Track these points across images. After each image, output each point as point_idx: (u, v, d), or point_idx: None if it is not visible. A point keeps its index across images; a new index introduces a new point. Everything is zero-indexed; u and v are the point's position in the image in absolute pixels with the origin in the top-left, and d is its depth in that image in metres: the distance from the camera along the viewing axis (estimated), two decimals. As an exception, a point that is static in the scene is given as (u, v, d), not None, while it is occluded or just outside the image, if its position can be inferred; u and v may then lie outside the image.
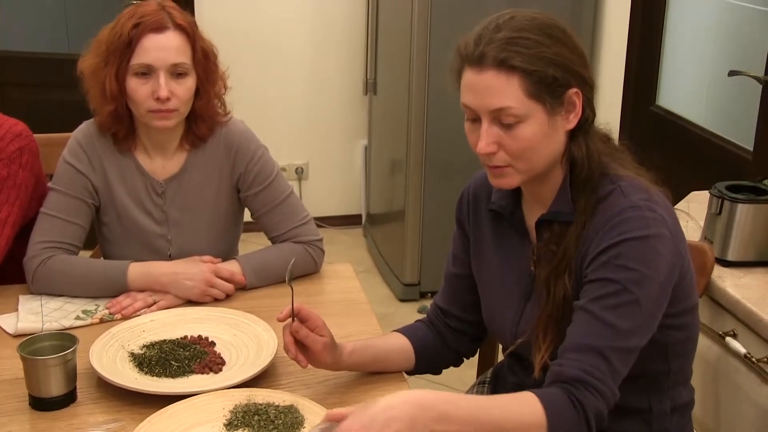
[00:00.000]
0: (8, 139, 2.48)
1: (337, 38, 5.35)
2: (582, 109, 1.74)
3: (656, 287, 1.68)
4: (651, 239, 1.67)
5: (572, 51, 1.73)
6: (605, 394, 1.63)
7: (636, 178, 1.77)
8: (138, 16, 2.34)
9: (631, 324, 1.66)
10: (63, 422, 1.91)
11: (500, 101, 1.69)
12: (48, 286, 2.43)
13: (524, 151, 1.72)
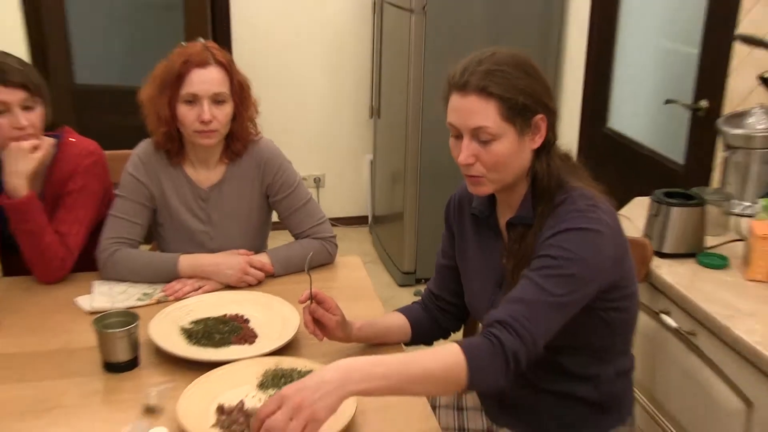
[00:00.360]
0: (84, 156, 2.52)
1: (348, 72, 5.35)
2: (546, 132, 1.77)
3: (588, 270, 1.67)
4: (589, 232, 1.67)
5: (540, 84, 1.76)
6: (524, 337, 1.59)
7: (585, 188, 1.77)
8: (186, 54, 2.37)
9: (561, 291, 1.64)
10: (129, 382, 1.95)
11: (479, 121, 1.71)
12: (115, 273, 2.45)
13: (497, 165, 1.74)
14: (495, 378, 1.59)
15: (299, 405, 1.38)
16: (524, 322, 1.60)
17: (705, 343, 2.11)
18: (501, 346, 1.57)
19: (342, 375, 1.45)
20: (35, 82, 2.41)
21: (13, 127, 2.36)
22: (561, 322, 1.66)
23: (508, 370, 1.58)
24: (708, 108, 3.09)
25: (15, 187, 2.37)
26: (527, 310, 1.61)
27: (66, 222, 2.47)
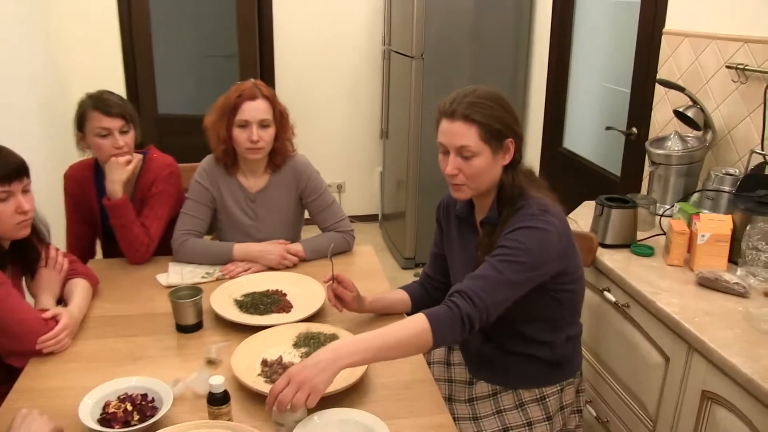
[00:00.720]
0: (164, 167, 2.53)
1: (364, 103, 5.34)
2: (513, 152, 1.77)
3: (534, 258, 1.67)
4: (538, 230, 1.68)
5: (511, 115, 1.76)
6: (478, 304, 1.61)
7: (541, 198, 1.76)
8: (240, 90, 2.37)
9: (512, 273, 1.65)
10: (194, 340, 1.95)
11: (463, 141, 1.72)
12: (185, 257, 2.45)
13: (475, 176, 1.75)
14: (453, 338, 1.63)
15: (302, 380, 1.44)
16: (480, 293, 1.62)
17: (636, 313, 2.11)
18: (459, 311, 1.60)
19: (333, 354, 1.50)
20: (130, 113, 2.42)
21: (114, 147, 2.38)
22: (511, 297, 1.67)
23: (463, 330, 1.61)
24: (637, 134, 3.09)
25: (113, 192, 2.38)
26: (484, 284, 1.63)
27: (149, 217, 2.47)
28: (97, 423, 1.52)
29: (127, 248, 2.44)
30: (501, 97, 1.77)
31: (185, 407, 1.63)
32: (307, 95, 5.21)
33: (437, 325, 1.59)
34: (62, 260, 2.14)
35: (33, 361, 1.84)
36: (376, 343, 1.55)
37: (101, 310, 2.14)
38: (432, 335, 1.58)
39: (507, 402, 1.91)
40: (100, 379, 1.67)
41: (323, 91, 5.28)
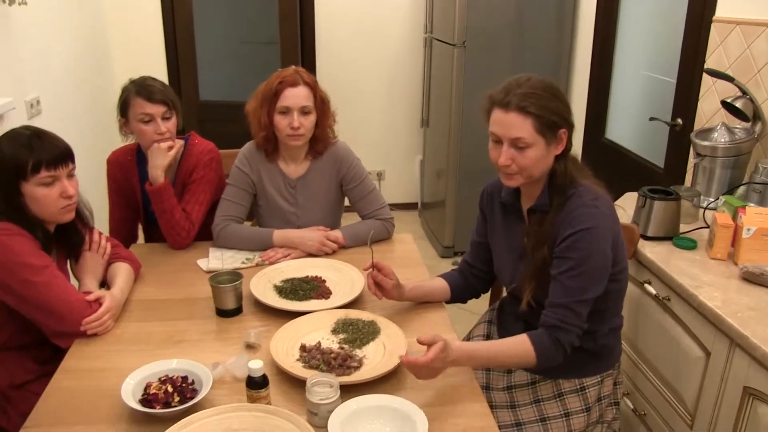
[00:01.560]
0: (205, 153, 2.55)
1: (404, 91, 5.33)
2: (566, 142, 1.77)
3: (598, 260, 1.72)
4: (594, 229, 1.70)
5: (564, 105, 1.76)
6: (573, 330, 1.72)
7: (590, 186, 1.77)
8: (281, 76, 2.38)
9: (586, 286, 1.71)
10: (234, 325, 1.98)
11: (518, 133, 1.71)
12: (225, 242, 2.47)
13: (528, 167, 1.75)
14: (557, 361, 1.76)
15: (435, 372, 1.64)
16: (571, 321, 1.73)
17: (677, 307, 2.08)
18: (561, 344, 1.73)
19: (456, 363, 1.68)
20: (172, 99, 2.45)
21: (156, 133, 2.41)
22: (592, 304, 1.75)
23: (565, 354, 1.75)
24: (682, 125, 3.04)
25: (155, 177, 2.41)
26: (570, 312, 1.72)
27: (190, 203, 2.50)
28: (138, 403, 1.56)
29: (169, 233, 2.47)
30: (554, 86, 1.76)
31: (224, 390, 1.66)
32: (348, 82, 5.22)
33: (542, 357, 1.73)
34: (105, 244, 2.18)
35: (77, 342, 1.88)
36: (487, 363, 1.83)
37: (143, 294, 2.18)
38: (536, 364, 1.74)
39: (545, 391, 1.91)
40: (141, 361, 1.70)
41: (364, 78, 5.28)
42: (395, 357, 1.72)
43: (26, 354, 1.98)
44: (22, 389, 1.94)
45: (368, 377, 1.65)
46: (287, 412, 1.49)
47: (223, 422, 1.49)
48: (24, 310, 1.86)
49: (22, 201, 1.87)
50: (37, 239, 1.90)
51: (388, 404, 1.54)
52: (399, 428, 1.49)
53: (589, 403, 1.89)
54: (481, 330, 2.16)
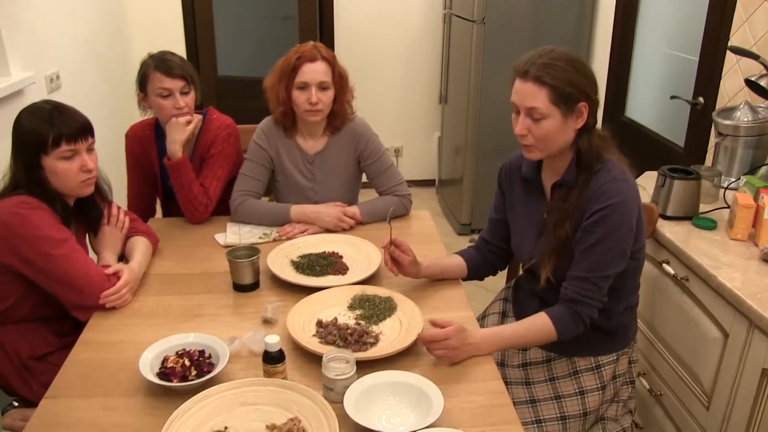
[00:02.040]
0: (223, 128, 2.55)
1: (423, 68, 5.30)
2: (587, 116, 1.75)
3: (625, 235, 1.72)
4: (621, 205, 1.70)
5: (586, 78, 1.73)
6: (593, 304, 1.75)
7: (617, 161, 1.77)
8: (300, 51, 2.37)
9: (610, 261, 1.72)
10: (251, 299, 1.98)
11: (533, 102, 1.71)
12: (243, 217, 2.48)
13: (543, 138, 1.74)
14: (576, 334, 1.79)
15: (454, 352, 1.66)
16: (591, 295, 1.75)
17: (695, 287, 2.07)
18: (581, 318, 1.76)
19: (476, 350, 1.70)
20: (191, 74, 2.45)
21: (174, 107, 2.41)
22: (613, 279, 1.77)
23: (585, 327, 1.78)
24: (704, 103, 3.00)
25: (173, 151, 2.41)
26: (591, 286, 1.74)
27: (208, 178, 2.50)
28: (156, 376, 1.57)
29: (187, 208, 2.48)
30: (577, 59, 1.74)
31: (241, 365, 1.66)
32: (366, 58, 5.19)
33: (562, 332, 1.77)
34: (124, 218, 2.19)
35: (96, 315, 1.90)
36: (511, 344, 1.82)
37: (161, 268, 2.19)
38: (557, 338, 1.77)
39: (560, 369, 1.91)
40: (159, 335, 1.72)
41: (382, 54, 5.25)
42: (412, 333, 1.72)
43: (46, 326, 2.01)
44: (43, 360, 1.97)
45: (384, 353, 1.65)
46: (303, 387, 1.50)
47: (240, 396, 1.50)
48: (44, 283, 1.88)
49: (42, 175, 1.89)
50: (57, 213, 1.91)
51: (403, 380, 1.54)
52: (414, 404, 1.49)
53: (604, 381, 1.89)
54: (496, 307, 2.16)
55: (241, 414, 1.46)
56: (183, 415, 1.43)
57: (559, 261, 1.80)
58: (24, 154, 1.87)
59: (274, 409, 1.47)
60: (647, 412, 2.37)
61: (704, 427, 2.04)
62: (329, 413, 1.41)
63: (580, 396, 1.87)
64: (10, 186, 1.91)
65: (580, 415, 1.86)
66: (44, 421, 1.49)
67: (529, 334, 1.77)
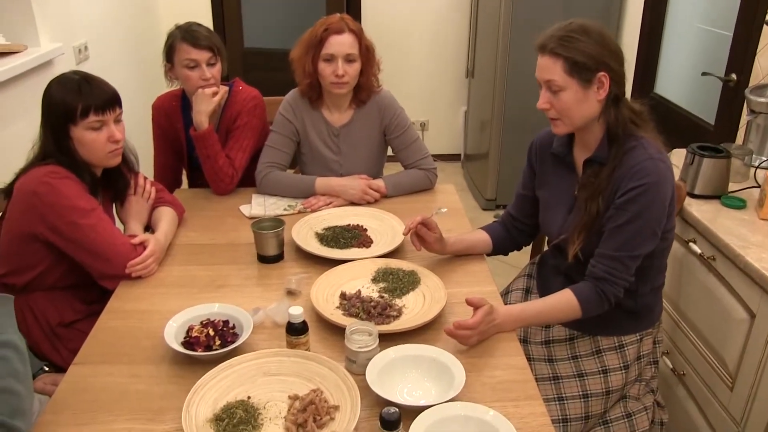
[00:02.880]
0: (249, 100, 2.55)
1: (450, 41, 5.25)
2: (609, 87, 1.71)
3: (656, 215, 1.70)
4: (657, 185, 1.67)
5: (604, 47, 1.69)
6: (620, 283, 1.74)
7: (652, 139, 1.75)
8: (327, 23, 2.36)
9: (639, 240, 1.71)
10: (275, 271, 2.00)
11: (549, 75, 1.71)
12: (268, 189, 2.49)
13: (565, 110, 1.73)
14: (600, 312, 1.78)
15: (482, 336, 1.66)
16: (619, 275, 1.74)
17: (722, 267, 2.04)
18: (606, 297, 1.75)
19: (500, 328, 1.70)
20: (217, 45, 2.45)
21: (201, 78, 2.42)
22: (641, 259, 1.76)
23: (610, 305, 1.77)
24: (737, 80, 2.95)
25: (199, 123, 2.42)
26: (620, 265, 1.73)
27: (234, 149, 2.51)
28: (180, 345, 1.59)
29: (212, 179, 2.49)
30: (594, 29, 1.71)
31: (264, 335, 1.68)
32: (393, 31, 5.16)
33: (587, 310, 1.76)
34: (150, 188, 2.21)
35: (123, 284, 1.92)
36: (536, 321, 1.82)
37: (186, 239, 2.21)
38: (581, 315, 1.76)
39: (583, 348, 1.90)
40: (184, 305, 1.73)
41: (409, 27, 5.21)
42: (435, 307, 1.72)
43: (74, 294, 2.04)
44: (71, 327, 2.00)
45: (407, 326, 1.65)
46: (326, 358, 1.51)
47: (263, 367, 1.51)
48: (72, 252, 1.90)
49: (71, 145, 1.90)
50: (85, 183, 1.93)
51: (426, 354, 1.55)
52: (436, 378, 1.50)
53: (627, 361, 1.88)
54: (520, 284, 2.16)
55: (263, 384, 1.48)
56: (206, 384, 1.45)
57: (589, 237, 1.78)
58: (53, 124, 1.89)
59: (296, 379, 1.48)
60: (670, 392, 2.36)
61: (727, 407, 2.02)
62: (351, 385, 1.42)
63: (603, 375, 1.86)
64: (40, 155, 1.93)
65: (602, 393, 1.85)
66: (73, 386, 1.51)
67: (553, 311, 1.77)
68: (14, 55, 2.69)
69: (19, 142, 2.02)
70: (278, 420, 1.39)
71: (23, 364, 1.31)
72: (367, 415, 1.40)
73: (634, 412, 1.90)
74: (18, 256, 1.94)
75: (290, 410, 1.40)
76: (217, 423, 1.36)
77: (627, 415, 1.89)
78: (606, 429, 1.86)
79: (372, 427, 1.36)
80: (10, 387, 1.25)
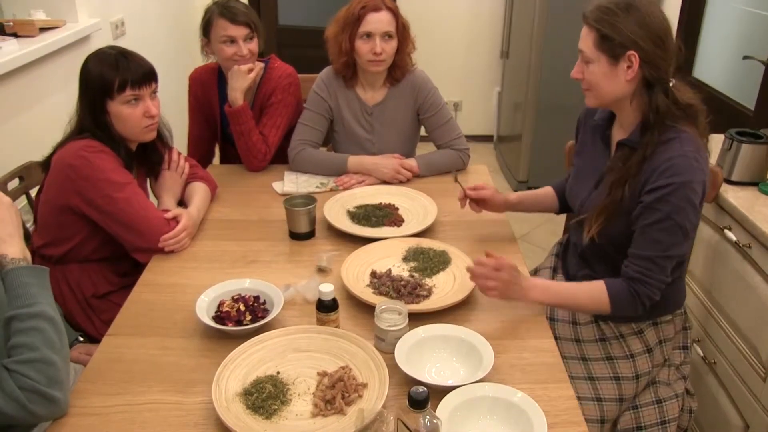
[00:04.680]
0: (284, 77, 2.55)
1: (485, 21, 5.19)
2: (637, 68, 1.65)
3: (687, 215, 1.64)
4: (690, 184, 1.61)
5: (641, 26, 1.63)
6: (654, 284, 1.67)
7: (691, 134, 1.67)
8: (364, 1, 2.34)
9: (673, 241, 1.65)
10: (306, 248, 2.01)
11: (582, 45, 1.71)
12: (300, 166, 2.50)
13: (593, 83, 1.72)
14: (633, 313, 1.72)
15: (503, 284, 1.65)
16: (652, 275, 1.67)
17: (758, 255, 2.01)
18: (639, 298, 1.68)
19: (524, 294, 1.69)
20: (255, 21, 2.46)
21: (237, 54, 2.43)
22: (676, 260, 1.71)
23: (644, 308, 1.70)
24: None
25: (234, 99, 2.43)
26: (653, 266, 1.67)
27: (268, 126, 2.51)
28: (212, 320, 1.61)
29: (245, 155, 2.50)
30: (638, 6, 1.65)
31: (295, 312, 1.69)
32: (427, 10, 5.11)
33: (617, 307, 1.70)
34: (184, 164, 2.22)
35: (155, 257, 1.94)
36: (562, 302, 1.77)
37: (218, 214, 2.22)
38: (610, 311, 1.71)
39: (608, 332, 1.88)
40: (215, 279, 1.75)
41: (444, 6, 5.17)
42: (465, 288, 1.72)
43: (108, 266, 2.06)
44: (105, 299, 2.03)
45: (437, 306, 1.65)
46: (355, 336, 1.51)
47: (293, 343, 1.52)
48: (106, 225, 1.92)
49: (107, 119, 1.92)
50: (120, 157, 1.95)
51: (455, 334, 1.55)
52: (464, 358, 1.50)
53: (650, 345, 1.86)
54: (548, 263, 2.14)
55: (293, 360, 1.49)
56: (237, 358, 1.46)
57: (608, 221, 1.74)
58: (90, 99, 1.91)
59: (325, 356, 1.49)
60: (700, 381, 2.34)
61: (759, 398, 2.00)
62: (380, 363, 1.43)
63: (631, 359, 1.84)
64: (77, 129, 1.95)
65: (632, 377, 1.83)
66: (106, 356, 1.54)
67: (579, 297, 1.73)
68: (54, 30, 2.71)
69: (58, 117, 2.05)
70: (307, 396, 1.40)
71: (59, 334, 1.33)
72: (395, 393, 1.41)
73: (665, 398, 1.87)
74: (55, 228, 1.97)
75: (319, 386, 1.41)
76: (246, 397, 1.38)
77: (657, 401, 1.87)
78: (636, 414, 1.84)
79: (400, 405, 1.36)
80: (47, 357, 1.28)
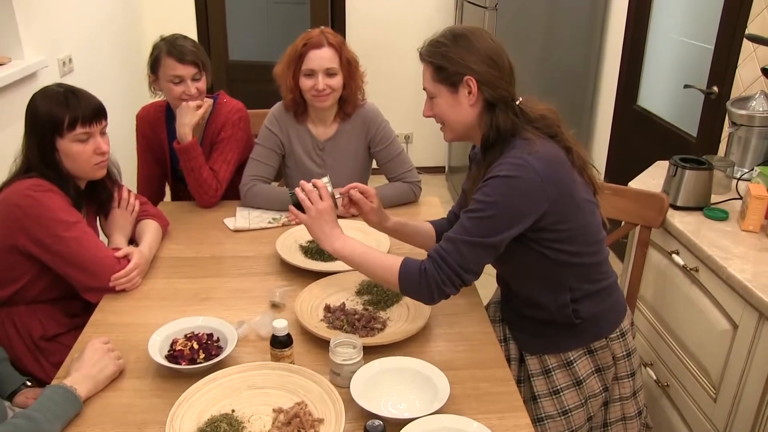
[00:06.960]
0: (234, 113, 2.56)
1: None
2: (477, 92, 1.64)
3: (504, 211, 1.55)
4: (511, 179, 1.53)
5: (470, 52, 1.64)
6: (445, 270, 1.56)
7: (531, 140, 1.60)
8: (306, 38, 2.38)
9: (481, 230, 1.55)
10: (260, 284, 1.99)
11: (425, 83, 1.72)
12: (252, 202, 2.49)
13: (440, 116, 1.73)
14: (420, 297, 1.62)
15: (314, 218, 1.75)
16: (447, 257, 1.56)
17: (705, 278, 2.06)
18: (425, 276, 1.57)
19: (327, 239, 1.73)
20: (203, 60, 2.47)
21: (185, 93, 2.43)
22: (485, 257, 1.59)
23: (431, 293, 1.58)
24: (718, 92, 2.99)
25: (183, 135, 2.42)
26: (452, 247, 1.57)
27: (218, 162, 2.51)
28: (164, 359, 1.59)
29: (196, 191, 2.49)
30: (463, 33, 1.67)
31: (249, 348, 1.68)
32: (377, 44, 5.19)
33: (404, 280, 1.60)
34: (134, 201, 2.21)
35: (106, 297, 1.91)
36: (358, 260, 1.69)
37: (170, 252, 2.20)
38: (399, 285, 1.62)
39: (534, 367, 1.82)
40: (168, 318, 1.73)
41: (394, 40, 5.24)
42: (419, 320, 1.73)
43: (58, 307, 2.02)
44: (54, 341, 1.99)
45: (391, 339, 1.66)
46: (310, 371, 1.51)
47: (248, 380, 1.51)
48: (55, 265, 1.89)
49: (56, 157, 1.90)
50: (69, 196, 1.92)
51: (410, 366, 1.55)
52: (421, 390, 1.50)
53: (580, 377, 1.78)
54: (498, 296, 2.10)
55: (248, 397, 1.48)
56: (191, 397, 1.44)
57: None
58: (39, 137, 1.89)
59: (281, 392, 1.48)
60: (654, 403, 2.38)
61: (711, 418, 2.04)
62: (336, 398, 1.42)
63: (555, 395, 1.79)
64: (23, 168, 1.92)
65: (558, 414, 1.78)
66: (54, 401, 1.50)
67: (373, 259, 1.67)
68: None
69: (3, 155, 2.02)
70: (263, 433, 1.39)
71: None
72: (351, 428, 1.40)
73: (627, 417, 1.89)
74: (1, 269, 1.93)
75: (275, 423, 1.40)
76: (201, 437, 1.36)
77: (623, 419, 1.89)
78: None
79: (357, 439, 1.37)
80: None
